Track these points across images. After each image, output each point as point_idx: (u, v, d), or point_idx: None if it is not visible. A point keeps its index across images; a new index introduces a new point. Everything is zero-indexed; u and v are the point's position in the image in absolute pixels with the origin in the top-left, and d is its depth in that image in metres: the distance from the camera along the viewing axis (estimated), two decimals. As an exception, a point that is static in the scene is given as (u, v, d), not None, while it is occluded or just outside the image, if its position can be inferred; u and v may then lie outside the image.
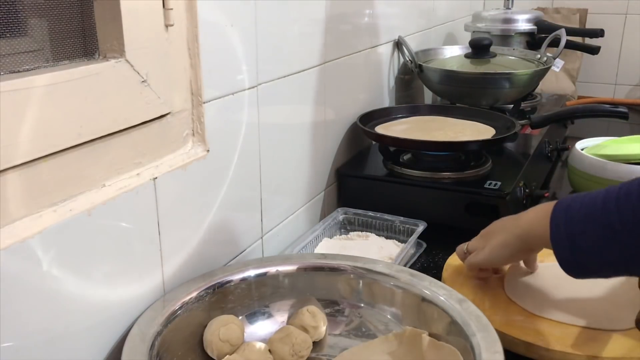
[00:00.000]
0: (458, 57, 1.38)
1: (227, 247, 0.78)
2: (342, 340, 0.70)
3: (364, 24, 1.13)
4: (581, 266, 0.62)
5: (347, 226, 0.99)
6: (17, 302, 0.50)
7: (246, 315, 0.71)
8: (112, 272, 0.59)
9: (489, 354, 0.56)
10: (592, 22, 1.96)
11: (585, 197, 0.63)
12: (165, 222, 0.65)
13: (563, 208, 0.64)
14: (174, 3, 0.63)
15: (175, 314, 0.63)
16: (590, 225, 0.60)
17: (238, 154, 0.77)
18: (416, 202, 0.99)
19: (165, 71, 0.64)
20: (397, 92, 1.35)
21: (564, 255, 0.62)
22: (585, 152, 1.10)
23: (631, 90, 2.01)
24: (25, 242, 0.50)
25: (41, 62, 0.55)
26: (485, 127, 1.11)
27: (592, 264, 0.62)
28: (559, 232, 0.63)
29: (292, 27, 0.86)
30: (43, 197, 0.53)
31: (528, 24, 1.56)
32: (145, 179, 0.62)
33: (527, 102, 1.48)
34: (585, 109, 1.22)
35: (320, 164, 1.01)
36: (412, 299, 0.68)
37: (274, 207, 0.88)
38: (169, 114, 0.66)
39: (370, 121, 1.12)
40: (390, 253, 0.89)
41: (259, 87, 0.80)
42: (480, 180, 0.98)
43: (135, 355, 0.56)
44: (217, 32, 0.70)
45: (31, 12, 0.55)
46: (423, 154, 1.07)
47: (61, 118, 0.53)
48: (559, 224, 0.63)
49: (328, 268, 0.73)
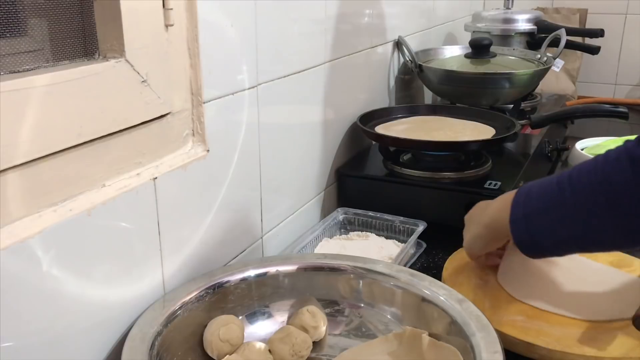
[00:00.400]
0: (458, 57, 1.38)
1: (227, 247, 0.78)
2: (342, 340, 0.70)
3: (364, 24, 1.13)
4: (537, 245, 0.65)
5: (347, 226, 0.99)
6: (17, 302, 0.50)
7: (246, 315, 0.71)
8: (112, 272, 0.59)
9: (488, 354, 0.56)
10: (592, 22, 1.95)
11: (545, 180, 0.65)
12: (165, 222, 0.65)
13: (524, 192, 0.66)
14: (174, 3, 0.63)
15: (175, 314, 0.63)
16: (545, 204, 0.63)
17: (238, 154, 0.77)
18: (416, 202, 0.99)
19: (165, 71, 0.64)
20: (397, 92, 1.35)
21: (520, 235, 0.65)
22: (585, 152, 1.10)
23: (631, 90, 2.01)
24: (25, 242, 0.50)
25: (41, 62, 0.55)
26: (485, 127, 1.11)
27: (546, 242, 0.64)
28: (517, 214, 0.65)
29: (292, 27, 0.86)
30: (43, 197, 0.53)
31: (528, 24, 1.56)
32: (145, 179, 0.62)
33: (527, 102, 1.48)
34: (585, 109, 1.22)
35: (320, 164, 1.01)
36: (412, 299, 0.68)
37: (274, 207, 0.88)
38: (169, 114, 0.66)
39: (370, 121, 1.12)
40: (390, 253, 0.89)
41: (259, 87, 0.80)
42: (480, 180, 0.98)
43: (135, 355, 0.56)
44: (217, 32, 0.70)
45: (31, 12, 0.55)
46: (423, 154, 1.07)
47: (61, 118, 0.53)
48: (518, 205, 0.66)
49: (328, 268, 0.73)
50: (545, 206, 0.63)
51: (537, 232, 0.64)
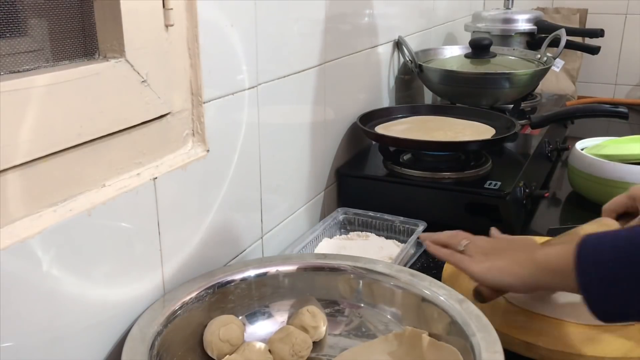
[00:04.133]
0: (458, 57, 1.38)
1: (227, 247, 0.78)
2: (342, 340, 0.70)
3: (364, 24, 1.13)
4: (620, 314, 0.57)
5: (347, 226, 0.99)
6: (17, 302, 0.50)
7: (246, 315, 0.71)
8: (112, 272, 0.59)
9: (489, 354, 0.56)
10: (592, 22, 1.95)
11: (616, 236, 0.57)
12: (165, 222, 0.65)
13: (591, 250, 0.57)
14: (174, 3, 0.63)
15: (175, 314, 0.63)
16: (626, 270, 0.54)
17: (238, 154, 0.77)
18: (416, 202, 0.99)
19: (165, 71, 0.64)
20: (397, 92, 1.35)
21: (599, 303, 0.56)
22: (585, 152, 1.10)
23: (631, 90, 2.01)
24: (25, 242, 0.50)
25: (41, 62, 0.55)
26: (485, 127, 1.11)
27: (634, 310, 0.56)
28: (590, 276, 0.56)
29: (292, 27, 0.87)
30: (43, 197, 0.53)
31: (528, 24, 1.56)
32: (145, 179, 0.62)
33: (527, 102, 1.48)
34: (585, 109, 1.22)
35: (320, 164, 1.01)
36: (412, 299, 0.68)
37: (274, 207, 0.88)
38: (169, 114, 0.66)
39: (370, 121, 1.12)
40: (390, 253, 0.89)
41: (259, 87, 0.80)
42: (480, 180, 0.98)
43: (135, 355, 0.56)
44: (217, 32, 0.70)
45: (31, 12, 0.55)
46: (423, 154, 1.07)
47: (61, 118, 0.53)
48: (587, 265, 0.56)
49: (328, 268, 0.73)
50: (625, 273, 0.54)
51: (620, 302, 0.56)
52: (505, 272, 0.65)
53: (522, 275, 0.64)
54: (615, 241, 0.56)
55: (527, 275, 0.63)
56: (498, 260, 0.67)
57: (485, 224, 0.79)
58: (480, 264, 0.67)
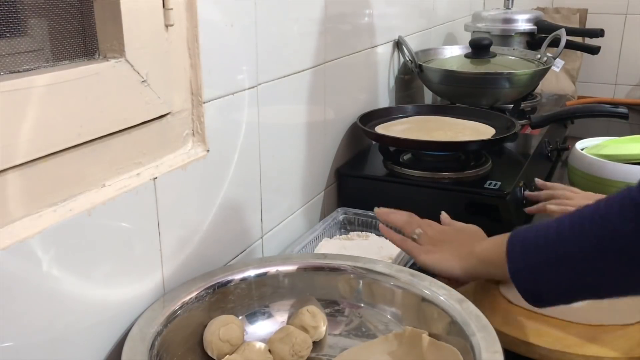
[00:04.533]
0: (458, 57, 1.38)
1: (227, 247, 0.78)
2: (342, 340, 0.70)
3: (364, 24, 1.13)
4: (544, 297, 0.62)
5: (347, 226, 0.99)
6: (17, 302, 0.50)
7: (246, 315, 0.71)
8: (112, 272, 0.59)
9: (488, 354, 0.56)
10: (592, 22, 1.95)
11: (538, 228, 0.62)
12: (165, 222, 0.65)
13: (519, 242, 0.63)
14: (174, 3, 0.63)
15: (175, 314, 0.63)
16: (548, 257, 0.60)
17: (238, 153, 0.77)
18: (416, 202, 0.99)
19: (165, 71, 0.64)
20: (397, 92, 1.35)
21: (526, 287, 0.62)
22: (585, 152, 1.10)
23: (631, 90, 2.01)
24: (25, 242, 0.50)
25: (41, 62, 0.55)
26: (485, 127, 1.11)
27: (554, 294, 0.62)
28: (518, 265, 0.62)
29: (292, 27, 0.87)
30: (43, 197, 0.53)
31: (528, 24, 1.56)
32: (145, 179, 0.62)
33: (527, 102, 1.48)
34: (585, 109, 1.22)
35: (320, 164, 1.01)
36: (412, 299, 0.68)
37: (274, 207, 0.88)
38: (169, 114, 0.66)
39: (370, 121, 1.12)
40: (390, 253, 0.89)
41: (259, 87, 0.80)
42: (480, 180, 0.98)
43: (135, 355, 0.56)
44: (217, 32, 0.70)
45: (31, 12, 0.55)
46: (423, 154, 1.07)
47: (61, 118, 0.53)
48: (515, 256, 0.62)
49: (328, 268, 0.73)
50: (548, 259, 0.60)
51: (545, 286, 0.61)
52: (449, 264, 0.73)
53: (464, 267, 0.72)
54: (541, 231, 0.61)
55: (470, 266, 0.71)
56: (445, 251, 0.74)
57: (485, 224, 0.79)
58: (430, 255, 0.75)
